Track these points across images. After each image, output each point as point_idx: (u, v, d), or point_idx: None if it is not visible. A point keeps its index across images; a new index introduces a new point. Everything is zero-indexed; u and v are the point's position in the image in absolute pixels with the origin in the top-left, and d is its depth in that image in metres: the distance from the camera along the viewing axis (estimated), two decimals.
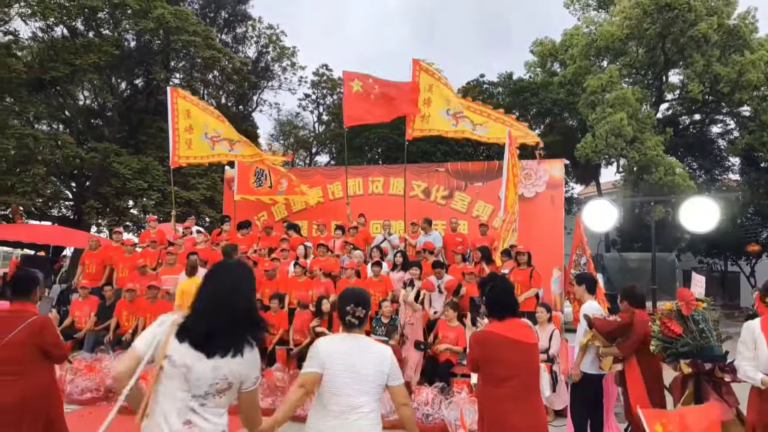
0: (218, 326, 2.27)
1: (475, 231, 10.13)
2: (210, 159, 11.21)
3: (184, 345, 2.24)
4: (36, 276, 3.58)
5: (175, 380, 2.24)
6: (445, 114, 9.79)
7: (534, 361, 3.01)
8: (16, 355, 3.19)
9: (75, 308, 8.62)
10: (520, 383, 2.90)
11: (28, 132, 17.20)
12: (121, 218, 19.88)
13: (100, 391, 6.59)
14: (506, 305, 3.06)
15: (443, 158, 18.62)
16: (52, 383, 3.40)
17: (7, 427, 3.10)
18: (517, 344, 2.94)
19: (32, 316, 3.32)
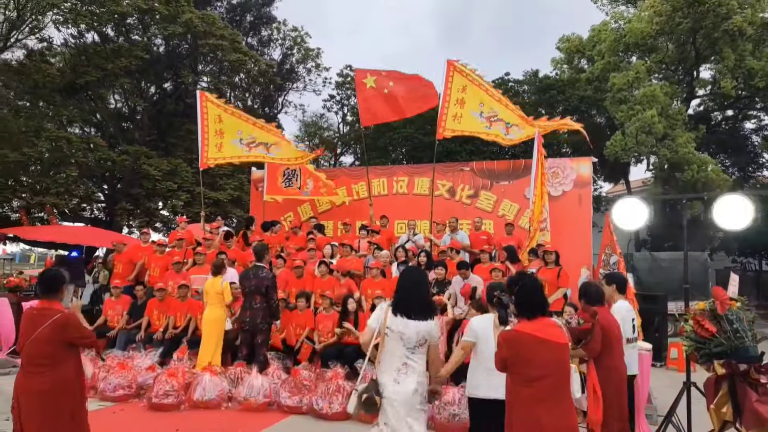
0: (414, 304, 3.54)
1: (501, 230, 10.06)
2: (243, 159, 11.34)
3: (398, 317, 3.52)
4: (62, 275, 3.76)
5: (394, 340, 3.52)
6: (478, 116, 9.71)
7: (564, 361, 2.98)
8: (43, 350, 3.45)
9: (108, 307, 8.84)
10: (551, 384, 2.88)
11: (62, 135, 17.69)
12: (151, 219, 20.30)
13: (132, 388, 6.73)
14: (536, 304, 3.05)
15: (468, 157, 18.50)
16: (77, 376, 3.59)
17: (37, 413, 3.36)
18: (547, 344, 2.93)
19: (57, 314, 3.51)
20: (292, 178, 11.93)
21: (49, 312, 3.52)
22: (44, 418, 3.35)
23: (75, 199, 19.49)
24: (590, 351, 4.32)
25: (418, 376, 3.49)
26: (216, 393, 6.43)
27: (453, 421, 5.55)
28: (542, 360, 2.90)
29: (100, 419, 5.94)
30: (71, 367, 3.53)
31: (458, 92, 9.75)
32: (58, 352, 3.46)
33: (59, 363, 3.45)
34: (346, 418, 6.01)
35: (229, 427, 5.72)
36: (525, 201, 10.58)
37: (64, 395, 3.44)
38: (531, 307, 3.04)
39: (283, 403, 6.29)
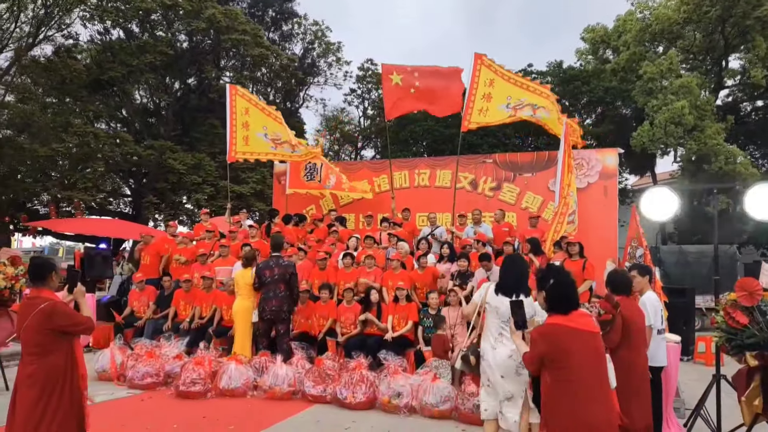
0: (513, 284, 4.24)
1: (524, 223, 9.97)
2: (270, 156, 11.43)
3: (498, 296, 4.25)
4: (50, 262, 3.70)
5: (491, 314, 4.27)
6: (504, 108, 9.63)
7: (600, 350, 2.96)
8: (33, 338, 3.44)
9: (133, 298, 9.02)
10: (592, 374, 2.86)
11: (89, 130, 18.07)
12: (176, 212, 20.63)
13: (159, 376, 6.87)
14: (571, 300, 3.02)
15: (490, 150, 18.35)
16: (68, 364, 3.50)
17: (27, 400, 3.37)
18: (582, 333, 2.91)
19: (44, 302, 3.46)
20: (314, 172, 11.99)
21: (38, 300, 3.50)
22: (33, 405, 3.35)
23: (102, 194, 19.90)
24: (608, 342, 4.25)
25: (512, 344, 4.04)
26: (242, 381, 6.53)
27: (477, 412, 5.53)
28: (580, 350, 2.87)
29: (129, 407, 6.10)
30: (61, 356, 3.47)
31: (485, 86, 9.66)
32: (47, 340, 3.43)
33: (49, 351, 3.42)
34: (370, 408, 6.05)
35: (255, 414, 5.81)
36: (549, 193, 10.46)
37: (52, 383, 3.40)
38: (567, 304, 3.01)
39: (308, 392, 6.36)
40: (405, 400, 5.92)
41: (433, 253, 9.04)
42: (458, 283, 7.96)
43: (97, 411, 5.81)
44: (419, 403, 5.86)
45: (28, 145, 16.99)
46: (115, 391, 6.63)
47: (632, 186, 27.10)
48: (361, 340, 7.36)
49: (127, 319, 8.81)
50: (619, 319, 4.20)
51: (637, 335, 4.28)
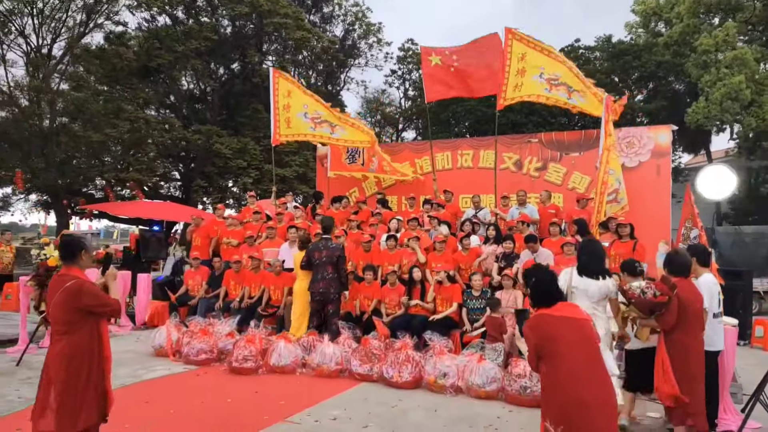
0: (595, 267, 4.55)
1: (571, 204, 9.77)
2: (308, 138, 11.52)
3: (582, 278, 4.54)
4: (80, 241, 3.66)
5: (580, 297, 4.46)
6: (538, 78, 9.39)
7: (590, 336, 3.01)
8: (60, 316, 3.46)
9: (188, 278, 9.38)
10: (582, 356, 2.90)
11: (140, 116, 18.68)
12: (224, 196, 21.18)
13: (213, 353, 7.13)
14: (552, 294, 3.14)
15: (535, 129, 17.94)
16: (93, 343, 3.50)
17: (55, 378, 3.42)
18: (568, 320, 2.99)
19: (71, 280, 3.46)
20: (356, 154, 12.04)
21: (66, 278, 3.49)
22: (61, 383, 3.39)
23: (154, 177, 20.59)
24: (664, 323, 4.19)
25: (604, 323, 4.51)
26: (291, 359, 6.72)
27: (524, 394, 5.53)
28: (565, 336, 2.93)
29: (186, 381, 6.38)
30: (86, 334, 3.46)
31: (518, 61, 9.46)
32: (73, 319, 3.43)
33: (74, 330, 3.43)
34: (416, 387, 6.13)
35: (304, 391, 5.98)
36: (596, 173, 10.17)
37: (79, 361, 3.42)
38: (548, 299, 3.12)
39: (354, 371, 6.48)
40: (451, 380, 5.97)
41: (478, 235, 8.99)
42: (503, 264, 7.91)
43: (155, 386, 6.13)
44: (465, 384, 5.90)
45: (82, 132, 17.72)
46: (171, 367, 6.93)
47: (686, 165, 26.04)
48: (407, 321, 7.43)
49: (182, 297, 9.17)
50: (675, 301, 4.11)
51: (693, 318, 4.17)
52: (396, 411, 5.38)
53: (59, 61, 19.46)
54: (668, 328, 4.18)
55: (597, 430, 2.80)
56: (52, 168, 17.58)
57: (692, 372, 4.11)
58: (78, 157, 19.14)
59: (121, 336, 9.04)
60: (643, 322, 4.47)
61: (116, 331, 9.30)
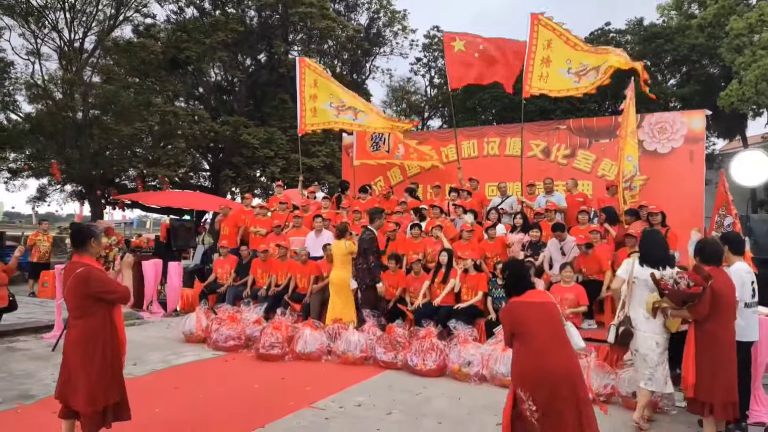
0: (656, 257, 4.56)
1: (600, 192, 9.56)
2: (331, 125, 11.54)
3: (644, 268, 4.55)
4: (89, 229, 3.74)
5: (640, 287, 4.57)
6: (565, 73, 9.17)
7: (553, 315, 3.42)
8: (73, 301, 3.58)
9: (217, 266, 9.56)
10: (547, 333, 3.31)
11: (169, 109, 19.01)
12: (252, 185, 21.45)
13: (241, 339, 7.28)
14: (522, 284, 3.55)
15: (563, 116, 17.62)
16: (106, 330, 3.59)
17: (71, 363, 3.56)
18: (536, 305, 3.44)
19: (81, 267, 3.56)
20: (380, 142, 12.00)
21: (77, 265, 3.59)
22: (79, 367, 3.51)
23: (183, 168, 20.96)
24: (696, 313, 4.09)
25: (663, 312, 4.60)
26: (316, 346, 6.80)
27: None
28: (533, 317, 3.37)
29: (215, 367, 6.52)
30: (99, 319, 3.56)
31: (543, 49, 9.25)
32: (85, 305, 3.54)
33: (87, 315, 3.54)
34: (440, 375, 6.13)
35: (330, 377, 6.05)
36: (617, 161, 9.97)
37: (93, 346, 3.51)
38: (518, 288, 3.54)
39: (379, 359, 6.52)
40: (475, 369, 5.95)
41: (504, 224, 8.89)
42: (530, 253, 7.82)
43: (185, 371, 6.28)
44: (490, 372, 5.88)
45: (113, 124, 18.12)
46: (201, 353, 7.09)
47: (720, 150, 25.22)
48: (432, 309, 7.43)
49: (211, 285, 9.35)
50: (709, 292, 4.00)
51: (725, 308, 4.06)
52: (420, 398, 5.39)
53: (90, 55, 19.90)
54: (700, 318, 4.08)
55: (560, 394, 3.17)
56: (86, 159, 18.06)
57: (721, 363, 4.01)
58: (110, 148, 19.59)
59: (152, 322, 9.29)
60: (674, 313, 4.37)
61: (148, 318, 9.57)
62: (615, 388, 5.24)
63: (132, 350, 6.72)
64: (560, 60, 9.19)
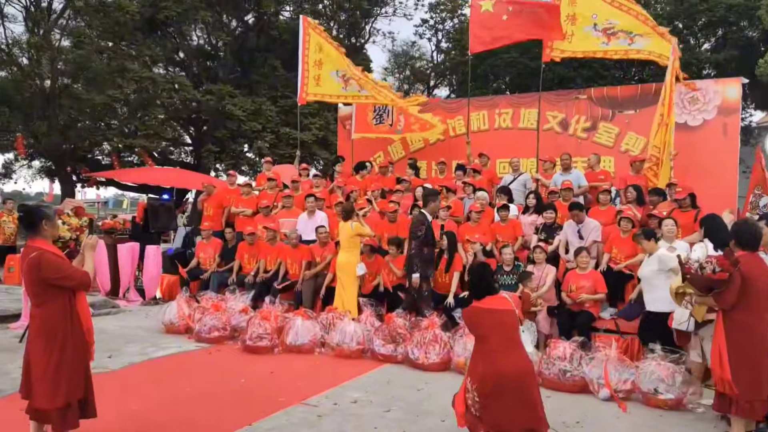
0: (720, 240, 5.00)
1: (624, 169, 9.51)
2: (340, 99, 11.43)
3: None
4: (39, 210, 3.74)
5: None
6: (592, 30, 9.05)
7: (507, 323, 3.99)
8: (30, 289, 3.62)
9: (200, 250, 9.58)
10: (500, 338, 3.89)
11: (146, 75, 18.81)
12: (237, 162, 21.38)
13: (226, 330, 7.32)
14: (482, 289, 4.12)
15: (584, 84, 17.47)
16: (66, 318, 3.60)
17: (32, 351, 3.63)
18: (491, 312, 3.97)
19: (34, 252, 3.56)
20: (384, 114, 11.91)
21: (30, 250, 3.61)
22: (40, 357, 3.55)
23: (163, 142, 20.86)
24: (722, 302, 4.11)
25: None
26: (309, 338, 6.84)
27: (563, 378, 5.52)
28: (488, 323, 3.95)
29: (198, 360, 6.57)
30: (58, 307, 3.57)
31: (568, 5, 9.13)
32: (42, 292, 3.56)
33: (45, 303, 3.57)
34: (444, 369, 6.18)
35: (323, 372, 6.10)
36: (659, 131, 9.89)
37: (53, 335, 3.54)
38: (478, 293, 4.14)
39: (377, 351, 6.57)
40: None
41: (516, 204, 8.88)
42: (543, 237, 7.82)
43: (166, 364, 6.33)
44: None
45: (84, 93, 17.98)
46: (182, 344, 7.14)
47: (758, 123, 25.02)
48: (434, 298, 7.45)
49: (193, 271, 9.38)
50: (738, 279, 4.00)
51: (758, 296, 4.06)
52: (421, 395, 5.44)
53: (59, 16, 19.67)
54: (727, 308, 4.08)
55: (508, 392, 3.76)
56: (55, 132, 17.96)
57: (754, 356, 4.02)
58: (82, 120, 19.48)
59: (129, 311, 9.35)
60: (699, 300, 4.38)
61: (124, 306, 9.62)
62: (635, 383, 5.28)
63: (107, 341, 6.79)
64: (586, 15, 9.06)
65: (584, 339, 5.98)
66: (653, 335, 5.64)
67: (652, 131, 8.32)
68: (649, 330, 5.89)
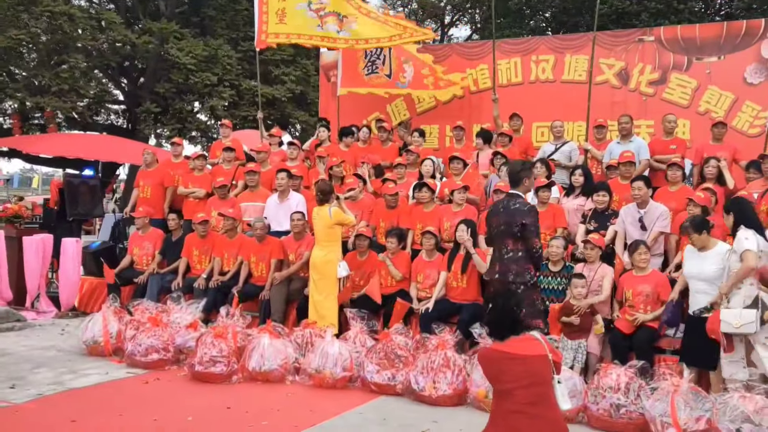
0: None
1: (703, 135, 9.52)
2: (312, 42, 11.37)
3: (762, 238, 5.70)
4: None
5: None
6: None
7: (537, 374, 3.85)
8: None
9: (134, 244, 9.60)
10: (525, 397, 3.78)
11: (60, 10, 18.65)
12: (185, 126, 21.29)
13: (168, 352, 7.33)
14: (504, 328, 4.02)
15: (652, 22, 17.42)
16: None
17: None
18: (516, 359, 3.84)
19: None
20: (377, 61, 11.87)
21: None
22: None
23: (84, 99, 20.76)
24: None
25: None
26: (278, 362, 6.86)
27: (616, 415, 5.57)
28: (513, 374, 3.82)
29: (131, 390, 6.60)
30: None
31: None
32: None
33: None
34: (458, 404, 6.21)
35: (297, 407, 6.12)
36: (746, 88, 9.95)
37: None
38: (499, 332, 4.05)
39: (370, 380, 6.59)
40: None
41: (558, 184, 8.89)
42: (593, 227, 7.83)
43: (86, 397, 6.35)
44: None
45: None
46: (110, 370, 7.15)
47: None
48: (447, 308, 7.50)
49: (125, 273, 9.40)
50: None
51: None
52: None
53: None
54: None
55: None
56: None
57: None
58: None
59: (39, 326, 9.37)
60: None
61: (33, 320, 9.65)
62: (711, 422, 5.31)
63: (8, 366, 6.83)
64: None
65: (645, 363, 5.99)
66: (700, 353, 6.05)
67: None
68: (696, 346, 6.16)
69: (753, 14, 17.02)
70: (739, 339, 5.67)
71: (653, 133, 9.97)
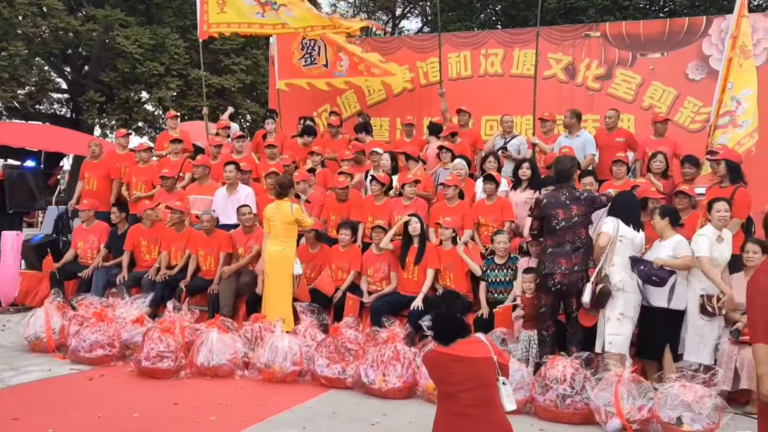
0: (638, 218, 6.59)
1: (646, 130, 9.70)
2: (253, 30, 11.27)
3: (629, 228, 6.39)
4: None
5: (626, 246, 6.36)
6: None
7: (481, 376, 3.89)
8: None
9: (78, 237, 9.42)
10: (470, 399, 3.82)
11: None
12: (131, 116, 20.99)
13: (114, 347, 7.21)
14: (449, 333, 4.01)
15: (599, 17, 17.69)
16: None
17: None
18: (462, 361, 3.87)
19: None
20: (313, 51, 11.81)
21: None
22: None
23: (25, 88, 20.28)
24: None
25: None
26: (227, 357, 6.81)
27: (562, 406, 5.66)
28: (458, 376, 3.86)
29: (74, 387, 6.48)
30: None
31: None
32: None
33: None
34: (408, 396, 6.25)
35: (246, 402, 6.10)
36: (688, 84, 10.19)
37: None
38: (444, 337, 4.01)
39: (320, 373, 6.59)
40: None
41: (505, 177, 8.98)
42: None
43: (29, 393, 6.22)
44: None
45: None
46: (53, 367, 7.01)
47: None
48: (396, 301, 7.55)
49: (68, 267, 9.24)
50: None
51: None
52: (377, 430, 5.51)
53: None
54: None
55: None
56: None
57: None
58: None
59: None
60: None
61: None
62: (653, 411, 5.45)
63: None
64: None
65: (589, 354, 6.11)
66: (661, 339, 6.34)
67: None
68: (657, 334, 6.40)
69: (696, 12, 17.39)
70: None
71: (598, 126, 10.13)
